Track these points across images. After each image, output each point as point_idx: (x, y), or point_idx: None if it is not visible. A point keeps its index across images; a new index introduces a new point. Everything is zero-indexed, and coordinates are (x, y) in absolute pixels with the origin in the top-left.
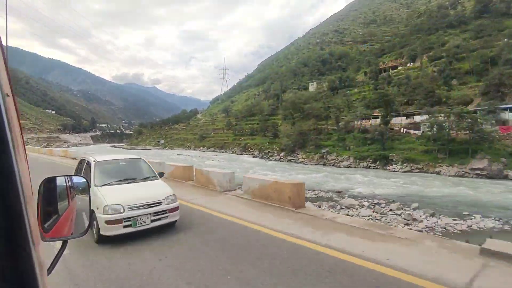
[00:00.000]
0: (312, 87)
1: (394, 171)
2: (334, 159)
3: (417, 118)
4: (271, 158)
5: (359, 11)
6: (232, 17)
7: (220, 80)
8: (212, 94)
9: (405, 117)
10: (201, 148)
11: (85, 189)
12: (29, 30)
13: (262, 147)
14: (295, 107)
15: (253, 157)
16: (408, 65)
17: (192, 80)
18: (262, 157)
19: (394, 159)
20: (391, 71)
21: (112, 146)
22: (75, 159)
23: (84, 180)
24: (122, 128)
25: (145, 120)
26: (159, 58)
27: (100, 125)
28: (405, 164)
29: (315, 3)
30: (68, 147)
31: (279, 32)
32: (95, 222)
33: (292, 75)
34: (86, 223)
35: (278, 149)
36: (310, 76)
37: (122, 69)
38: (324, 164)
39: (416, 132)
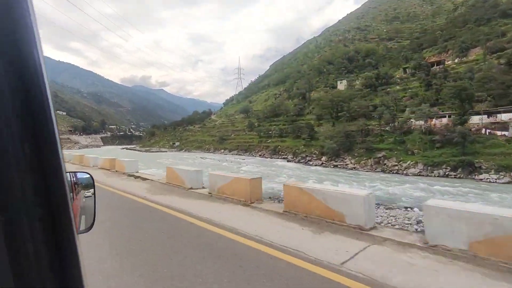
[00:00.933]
0: (341, 85)
1: (489, 181)
2: (396, 165)
3: (504, 116)
4: (310, 162)
5: (379, 8)
6: (238, 20)
7: (227, 82)
8: (219, 96)
9: (486, 115)
10: (222, 150)
11: (90, 185)
12: (40, 34)
13: (297, 150)
14: (333, 105)
15: (287, 161)
16: (457, 59)
17: (199, 82)
18: (299, 162)
19: (483, 167)
20: (435, 66)
21: (124, 148)
22: (139, 178)
23: (89, 175)
24: (132, 130)
25: (153, 122)
26: (167, 60)
27: (110, 126)
28: (501, 173)
29: (322, 5)
30: (79, 148)
31: (286, 35)
32: None
33: (317, 73)
34: (91, 218)
35: (317, 152)
36: (336, 74)
37: (131, 71)
38: (383, 171)
39: (506, 133)
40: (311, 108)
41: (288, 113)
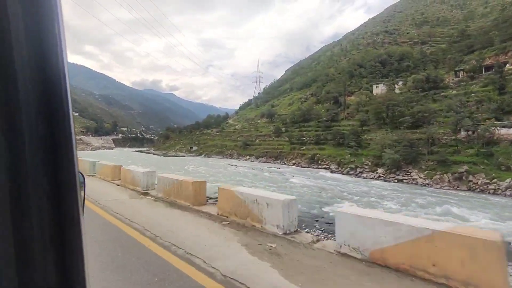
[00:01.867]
0: (377, 89)
1: None
2: (488, 183)
3: None
4: (362, 175)
5: (405, 13)
6: (249, 27)
7: (236, 88)
8: (228, 101)
9: None
10: (247, 157)
11: (80, 184)
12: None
13: (342, 160)
14: (384, 110)
15: (331, 172)
16: None
17: (208, 87)
18: (348, 173)
19: None
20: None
21: (138, 151)
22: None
23: (79, 174)
24: (143, 133)
25: (163, 125)
26: (177, 65)
27: (121, 128)
28: None
29: (333, 13)
30: (92, 150)
31: (296, 42)
32: None
33: (348, 76)
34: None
35: (370, 163)
36: (370, 78)
37: (142, 75)
38: (470, 190)
39: None
40: (346, 113)
41: (320, 118)
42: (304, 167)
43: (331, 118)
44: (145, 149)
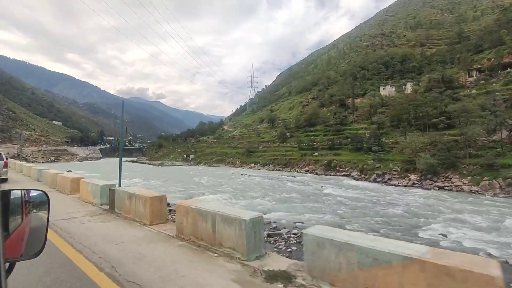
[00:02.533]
0: (385, 91)
1: None
2: None
3: None
4: (390, 182)
5: (397, 16)
6: (236, 35)
7: (223, 95)
8: (216, 108)
9: None
10: (252, 165)
11: (44, 205)
12: (36, 45)
13: (365, 166)
14: (406, 111)
15: (354, 179)
16: None
17: (196, 95)
18: (375, 181)
19: None
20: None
21: (130, 161)
22: None
23: (42, 193)
24: (132, 142)
25: (150, 133)
26: (164, 73)
27: (108, 138)
28: None
29: (319, 21)
30: (79, 161)
31: (282, 49)
32: None
33: (351, 78)
34: (41, 242)
35: (399, 169)
36: (376, 79)
37: (127, 83)
38: None
39: None
40: (355, 116)
41: (327, 122)
42: (321, 175)
43: (340, 121)
44: (135, 158)
